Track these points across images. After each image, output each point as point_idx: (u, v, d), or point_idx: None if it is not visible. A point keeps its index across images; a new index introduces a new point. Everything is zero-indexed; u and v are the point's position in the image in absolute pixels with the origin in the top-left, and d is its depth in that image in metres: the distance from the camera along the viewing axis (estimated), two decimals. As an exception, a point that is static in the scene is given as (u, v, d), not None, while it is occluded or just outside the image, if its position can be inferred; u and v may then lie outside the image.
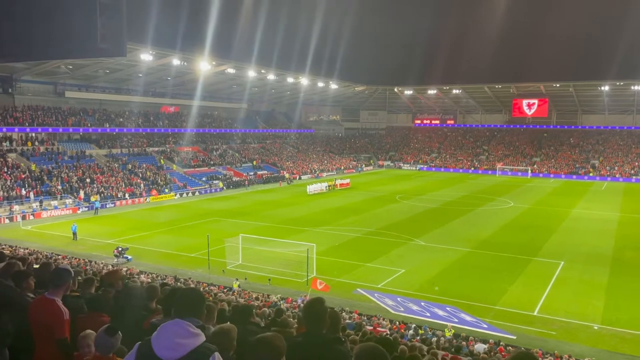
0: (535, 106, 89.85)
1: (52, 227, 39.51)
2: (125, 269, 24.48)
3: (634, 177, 74.37)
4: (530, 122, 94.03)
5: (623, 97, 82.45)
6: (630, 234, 37.70)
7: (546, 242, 34.47)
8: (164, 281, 20.13)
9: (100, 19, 4.26)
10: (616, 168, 78.03)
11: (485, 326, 19.30)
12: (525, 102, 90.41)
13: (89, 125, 60.17)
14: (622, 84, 76.95)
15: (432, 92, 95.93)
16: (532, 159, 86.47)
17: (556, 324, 20.62)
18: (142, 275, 22.61)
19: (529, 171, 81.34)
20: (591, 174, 77.63)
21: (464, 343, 16.34)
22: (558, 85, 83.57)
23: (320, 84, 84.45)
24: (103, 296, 5.28)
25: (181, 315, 3.25)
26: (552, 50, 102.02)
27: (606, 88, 78.65)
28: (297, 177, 73.93)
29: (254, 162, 75.30)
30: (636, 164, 77.79)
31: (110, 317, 4.73)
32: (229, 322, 4.54)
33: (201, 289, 20.96)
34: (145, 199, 51.88)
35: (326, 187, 61.38)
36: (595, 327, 20.40)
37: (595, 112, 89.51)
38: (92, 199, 46.82)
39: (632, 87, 77.35)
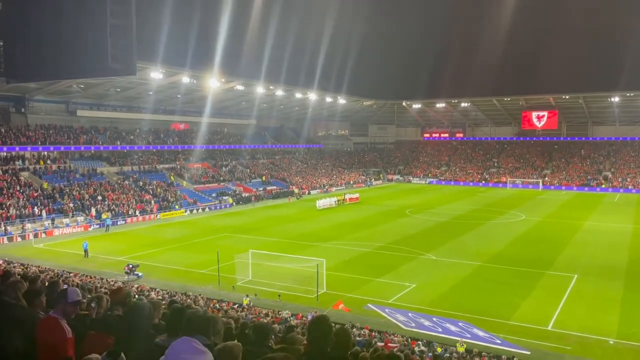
0: (545, 118, 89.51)
1: (64, 244, 39.75)
2: (136, 285, 24.54)
3: (647, 188, 73.61)
4: (540, 135, 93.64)
5: (634, 108, 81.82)
6: (644, 246, 37.16)
7: (559, 256, 34.05)
8: (173, 298, 20.11)
9: (110, 40, 4.35)
10: (629, 179, 77.20)
11: (498, 342, 19.04)
12: (534, 114, 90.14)
13: (100, 143, 60.89)
14: (632, 94, 76.41)
15: (440, 105, 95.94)
16: (543, 171, 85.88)
17: (571, 339, 20.26)
18: (152, 293, 22.62)
19: (540, 183, 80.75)
20: (603, 186, 76.87)
21: (477, 359, 16.14)
22: (567, 97, 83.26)
23: (329, 99, 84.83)
24: (108, 315, 5.22)
25: (189, 333, 3.26)
26: (561, 62, 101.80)
27: (616, 99, 78.17)
28: (307, 192, 73.92)
29: (263, 178, 75.48)
30: (649, 175, 77.03)
31: (116, 337, 4.66)
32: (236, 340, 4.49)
33: (211, 305, 20.94)
34: (156, 216, 52.13)
35: (335, 201, 61.31)
36: (611, 342, 20.02)
37: (605, 124, 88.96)
38: (103, 216, 47.11)
39: (643, 98, 76.92)
